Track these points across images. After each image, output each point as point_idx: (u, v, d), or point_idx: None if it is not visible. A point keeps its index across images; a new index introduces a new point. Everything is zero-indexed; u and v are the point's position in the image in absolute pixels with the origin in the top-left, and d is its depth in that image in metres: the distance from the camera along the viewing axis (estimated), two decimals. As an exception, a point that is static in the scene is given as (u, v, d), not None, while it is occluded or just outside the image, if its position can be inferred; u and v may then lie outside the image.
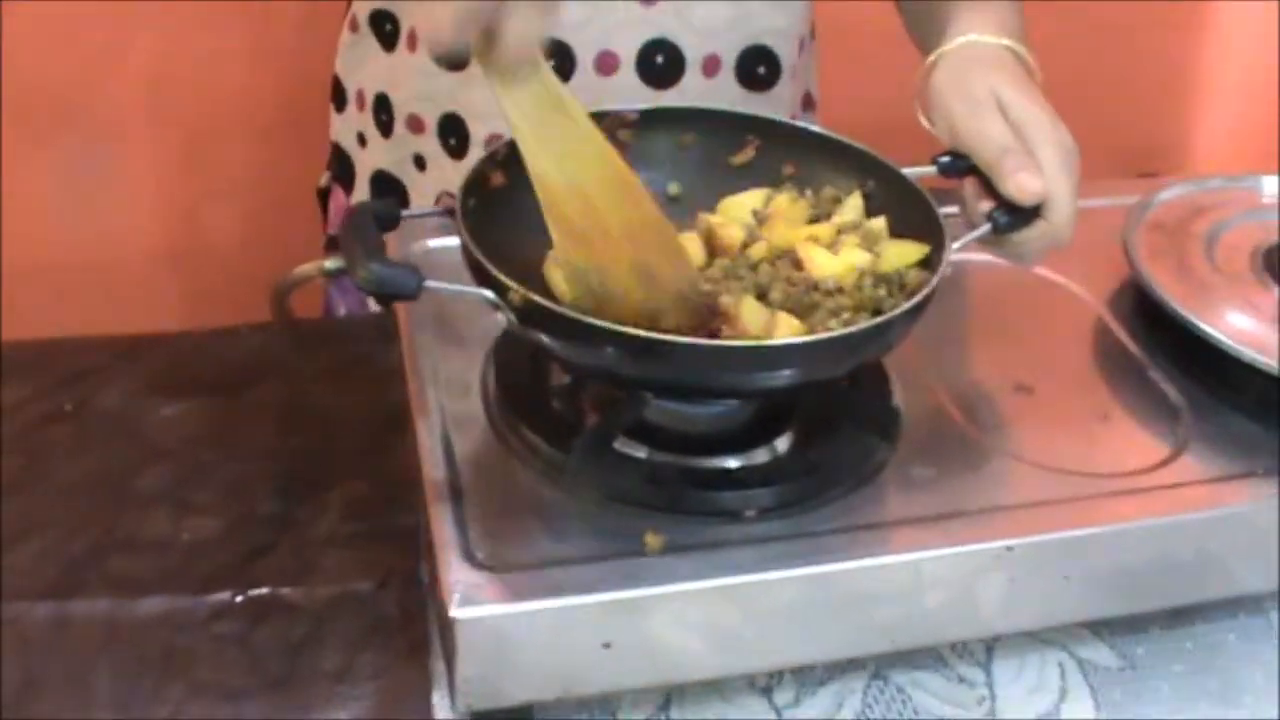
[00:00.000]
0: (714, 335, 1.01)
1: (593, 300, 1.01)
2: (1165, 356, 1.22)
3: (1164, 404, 1.18)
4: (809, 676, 1.08)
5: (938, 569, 1.02)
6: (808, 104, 1.54)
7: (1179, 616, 1.14)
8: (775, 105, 1.45)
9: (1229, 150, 2.30)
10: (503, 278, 0.98)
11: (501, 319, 0.99)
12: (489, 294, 0.99)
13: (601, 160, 1.01)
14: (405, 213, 1.09)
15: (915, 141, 1.19)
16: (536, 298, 0.97)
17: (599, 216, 1.01)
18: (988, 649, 1.11)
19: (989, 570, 1.03)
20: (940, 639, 1.09)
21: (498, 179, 1.11)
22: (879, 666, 1.09)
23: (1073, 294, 1.31)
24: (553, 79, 0.96)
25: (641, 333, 0.96)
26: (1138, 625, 1.13)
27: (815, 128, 1.19)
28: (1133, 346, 1.24)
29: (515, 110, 0.96)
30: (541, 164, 0.99)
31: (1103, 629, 1.13)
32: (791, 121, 1.22)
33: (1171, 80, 2.40)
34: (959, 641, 1.11)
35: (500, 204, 1.10)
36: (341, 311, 1.56)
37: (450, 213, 1.07)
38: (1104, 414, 1.17)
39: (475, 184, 1.09)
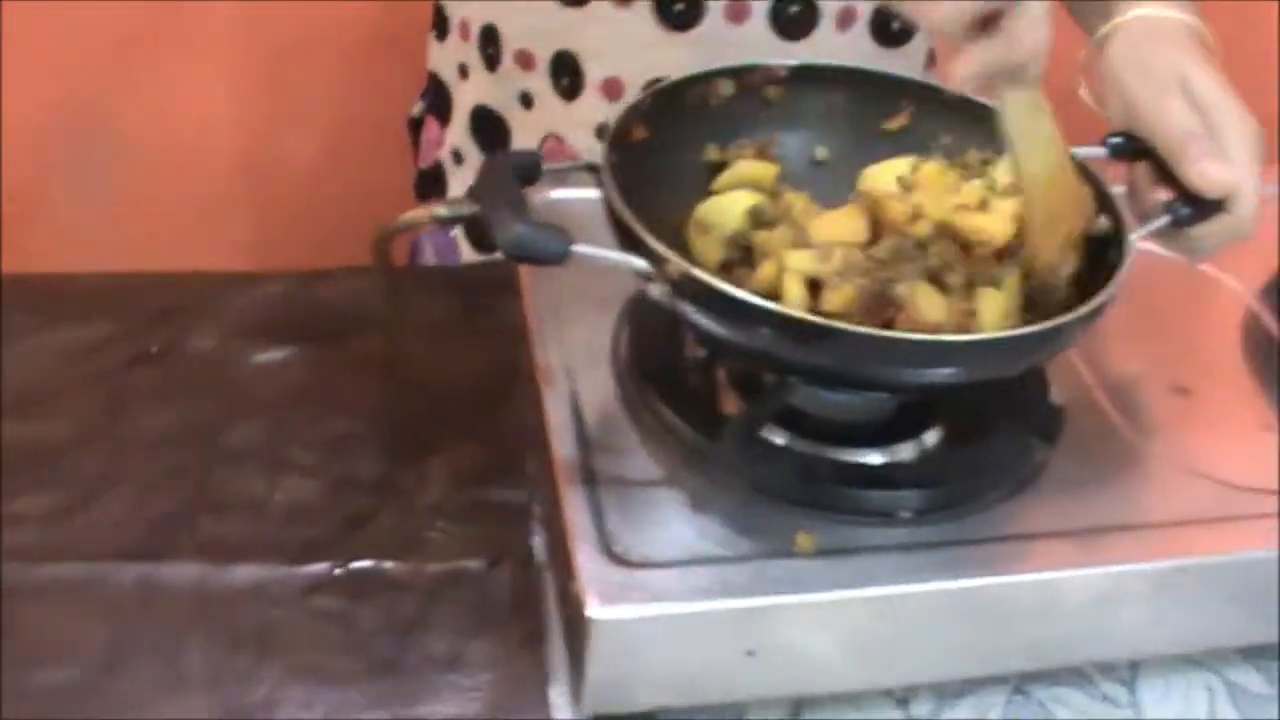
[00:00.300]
0: (888, 325, 0.93)
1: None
2: (1330, 364, 1.15)
3: (1330, 416, 1.11)
4: (947, 688, 1.01)
5: (1097, 586, 0.96)
6: (930, 62, 1.46)
7: (1331, 641, 1.07)
8: (908, 62, 1.37)
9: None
10: (660, 248, 0.90)
11: (653, 290, 0.91)
12: (642, 263, 0.91)
13: (1063, 162, 1.00)
14: (546, 167, 1.00)
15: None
16: (698, 272, 0.89)
17: (1054, 212, 1.00)
18: (1132, 667, 1.04)
19: (1148, 590, 0.97)
20: (1091, 657, 1.02)
21: (640, 133, 1.04)
22: (1020, 680, 1.02)
23: (1222, 284, 1.23)
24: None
25: (813, 318, 0.89)
26: (1290, 650, 1.06)
27: (979, 98, 1.10)
28: (1293, 349, 1.17)
29: (1014, 111, 0.96)
30: (1027, 164, 0.98)
31: (1253, 653, 1.06)
32: (951, 89, 1.13)
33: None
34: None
35: (643, 160, 1.03)
36: (429, 253, 1.48)
37: (592, 168, 0.99)
38: (1266, 424, 1.10)
39: (618, 138, 1.01)
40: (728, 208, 1.03)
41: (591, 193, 0.99)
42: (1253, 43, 2.07)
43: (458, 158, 1.45)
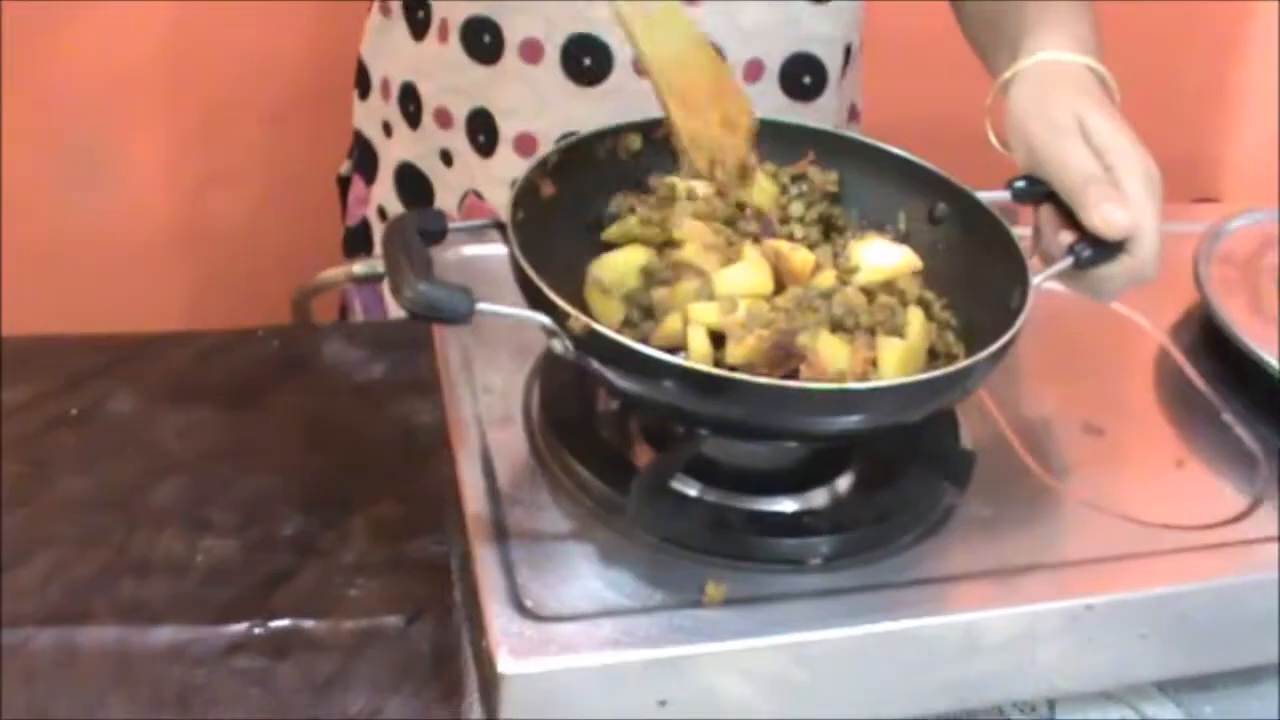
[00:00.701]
0: (793, 375, 0.94)
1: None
2: (1240, 400, 1.17)
3: (1240, 451, 1.13)
4: (863, 732, 1.02)
5: (1013, 626, 0.97)
6: (852, 116, 1.47)
7: (1246, 674, 1.08)
8: (819, 116, 1.37)
9: (1263, 171, 2.22)
10: (563, 304, 0.91)
11: (556, 345, 0.92)
12: (545, 319, 0.92)
13: (694, 38, 1.07)
14: (452, 225, 1.01)
15: (946, 148, 1.13)
16: (600, 327, 0.90)
17: (694, 89, 1.06)
18: (1050, 704, 1.05)
19: (1064, 628, 0.98)
20: (1009, 697, 1.03)
21: (548, 189, 1.05)
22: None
23: (1133, 323, 1.25)
24: None
25: (713, 370, 0.90)
26: (1204, 683, 1.07)
27: (884, 145, 1.12)
28: (1202, 385, 1.18)
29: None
30: (647, 45, 1.05)
31: (1169, 686, 1.07)
32: (855, 136, 1.15)
33: (1207, 96, 2.33)
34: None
35: (551, 215, 1.04)
36: (357, 308, 1.49)
37: (499, 225, 1.00)
38: (1178, 460, 1.12)
39: (525, 195, 1.02)
40: (619, 266, 1.04)
41: (505, 249, 1.00)
42: (1174, 82, 2.12)
43: (384, 215, 1.46)
